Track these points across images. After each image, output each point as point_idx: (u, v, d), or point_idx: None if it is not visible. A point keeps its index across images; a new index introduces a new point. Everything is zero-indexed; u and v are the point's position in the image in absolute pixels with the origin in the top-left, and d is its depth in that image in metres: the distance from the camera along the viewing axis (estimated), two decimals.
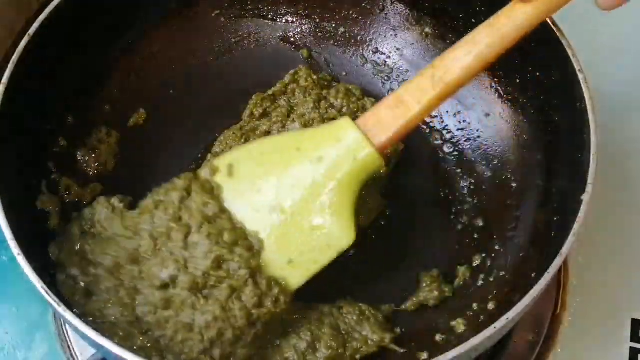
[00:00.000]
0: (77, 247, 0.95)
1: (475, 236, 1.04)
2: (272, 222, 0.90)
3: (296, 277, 0.91)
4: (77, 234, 0.97)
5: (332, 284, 0.96)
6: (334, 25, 1.18)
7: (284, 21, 1.18)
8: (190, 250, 0.90)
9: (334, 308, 0.96)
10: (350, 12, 1.17)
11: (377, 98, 1.12)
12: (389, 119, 0.89)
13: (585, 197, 0.86)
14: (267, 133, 1.07)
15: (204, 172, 0.95)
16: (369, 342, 0.94)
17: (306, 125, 1.07)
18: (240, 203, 0.92)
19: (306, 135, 0.94)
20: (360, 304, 0.97)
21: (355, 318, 0.96)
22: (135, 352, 0.80)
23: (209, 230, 0.90)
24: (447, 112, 1.12)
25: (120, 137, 1.09)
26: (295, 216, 0.90)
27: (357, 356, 0.94)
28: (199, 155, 1.09)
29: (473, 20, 1.07)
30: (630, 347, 1.07)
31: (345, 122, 0.90)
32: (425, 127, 1.12)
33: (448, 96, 0.89)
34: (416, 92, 0.89)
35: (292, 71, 1.13)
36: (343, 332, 0.95)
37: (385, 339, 0.94)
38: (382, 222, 1.05)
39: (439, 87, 0.88)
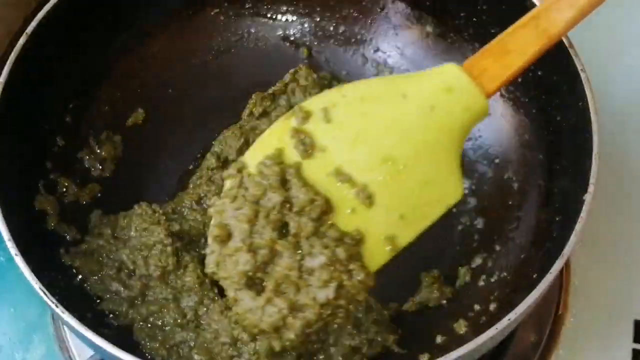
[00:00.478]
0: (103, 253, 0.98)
1: (476, 237, 1.04)
2: (383, 174, 0.83)
3: (406, 234, 0.85)
4: (106, 238, 0.99)
5: None
6: (334, 24, 1.18)
7: (283, 20, 1.18)
8: (305, 277, 0.80)
9: None
10: (351, 11, 1.17)
11: None
12: (495, 69, 0.84)
13: (587, 197, 0.86)
14: None
15: (293, 122, 0.85)
16: (374, 342, 0.93)
17: None
18: (344, 152, 0.84)
19: (411, 81, 0.86)
20: (368, 297, 0.97)
21: (361, 309, 0.95)
22: (134, 352, 0.80)
23: (322, 250, 0.80)
24: None
25: (119, 137, 1.09)
26: (408, 168, 0.83)
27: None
28: (198, 155, 1.09)
29: (474, 19, 1.06)
30: (633, 349, 1.07)
31: (455, 70, 0.84)
32: None
33: (545, 51, 0.85)
34: (521, 43, 0.84)
35: (292, 70, 1.12)
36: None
37: (389, 339, 0.94)
38: None
39: (543, 39, 0.84)
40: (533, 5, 0.96)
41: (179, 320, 0.94)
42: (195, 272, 0.96)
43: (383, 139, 0.83)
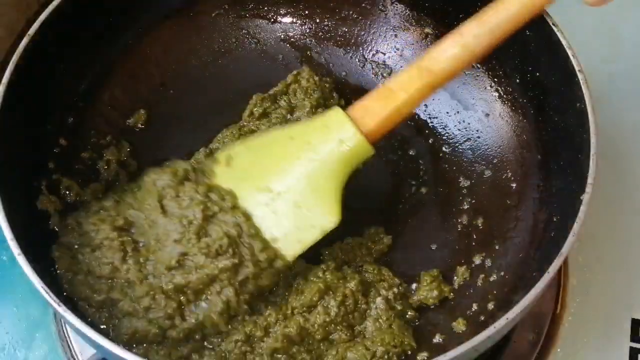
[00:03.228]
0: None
1: (475, 236, 1.04)
2: (259, 201, 0.93)
3: (284, 253, 0.93)
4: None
5: None
6: (334, 25, 1.18)
7: (284, 21, 1.18)
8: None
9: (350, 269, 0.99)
10: (351, 12, 1.17)
11: None
12: (376, 107, 0.92)
13: (585, 197, 0.87)
14: None
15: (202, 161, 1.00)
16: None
17: None
18: (234, 186, 0.95)
19: (300, 126, 0.98)
20: (381, 267, 0.99)
21: (372, 277, 0.98)
22: (135, 351, 0.80)
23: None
24: (447, 112, 1.12)
25: (120, 137, 1.09)
26: (281, 196, 0.93)
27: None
28: (198, 156, 1.09)
29: None
30: (630, 347, 1.07)
31: (334, 111, 0.94)
32: (425, 127, 1.12)
33: (436, 86, 0.92)
34: (403, 82, 0.92)
35: (294, 72, 1.12)
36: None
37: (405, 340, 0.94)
38: (383, 222, 1.05)
39: (425, 76, 0.91)
40: None
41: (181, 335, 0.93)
42: None
43: (263, 174, 0.95)
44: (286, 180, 0.94)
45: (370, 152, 0.94)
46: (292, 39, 1.18)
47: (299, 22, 1.18)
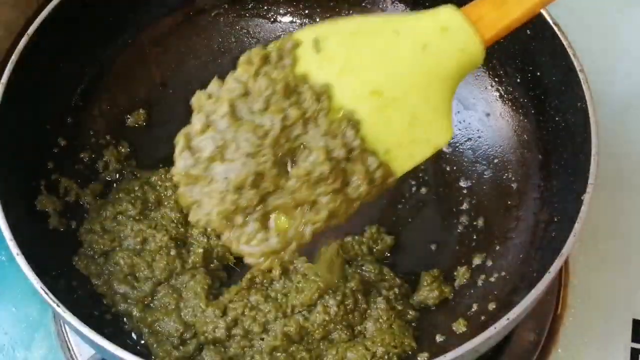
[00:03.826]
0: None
1: (476, 236, 1.04)
2: (370, 106, 0.80)
3: (394, 168, 0.83)
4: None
5: None
6: None
7: (284, 21, 1.18)
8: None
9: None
10: (351, 12, 1.17)
11: None
12: (492, 17, 0.82)
13: (586, 197, 0.86)
14: None
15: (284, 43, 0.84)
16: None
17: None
18: (330, 81, 0.81)
19: (406, 19, 0.84)
20: (382, 267, 0.98)
21: (373, 277, 0.97)
22: (135, 351, 0.80)
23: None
24: None
25: (119, 137, 1.09)
26: (396, 103, 0.81)
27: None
28: None
29: None
30: (632, 348, 1.07)
31: (452, 12, 0.82)
32: None
33: (548, 3, 0.83)
34: None
35: None
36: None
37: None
38: (383, 222, 1.05)
39: None
40: None
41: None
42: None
43: (371, 72, 0.81)
44: (399, 84, 0.81)
45: (479, 64, 0.83)
46: None
47: (298, 21, 1.18)
